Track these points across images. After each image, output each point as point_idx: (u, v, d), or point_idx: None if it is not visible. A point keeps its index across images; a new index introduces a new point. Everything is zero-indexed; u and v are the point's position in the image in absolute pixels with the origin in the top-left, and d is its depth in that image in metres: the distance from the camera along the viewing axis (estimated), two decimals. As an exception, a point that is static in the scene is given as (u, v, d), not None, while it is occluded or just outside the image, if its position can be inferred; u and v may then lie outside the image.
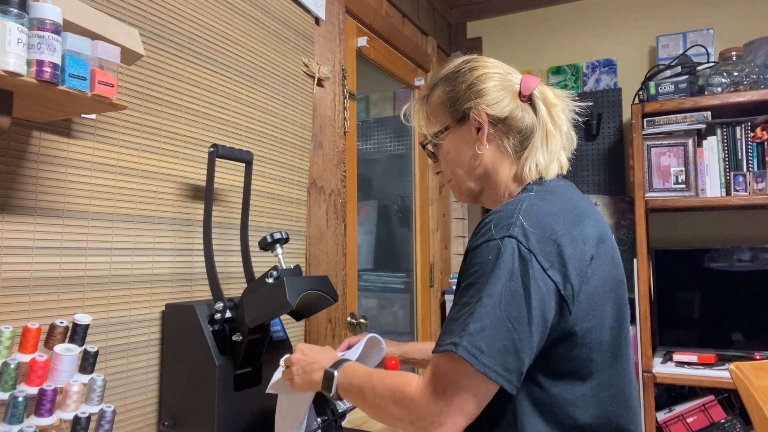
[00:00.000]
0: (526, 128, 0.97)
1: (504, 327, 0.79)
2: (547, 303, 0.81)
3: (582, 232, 0.87)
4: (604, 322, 0.88)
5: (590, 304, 0.86)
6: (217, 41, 1.43)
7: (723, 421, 2.18)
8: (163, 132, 1.28)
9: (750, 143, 2.25)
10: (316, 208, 1.83)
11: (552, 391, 0.86)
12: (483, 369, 0.78)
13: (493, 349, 0.78)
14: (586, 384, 0.87)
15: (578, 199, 0.94)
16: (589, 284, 0.85)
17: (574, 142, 1.02)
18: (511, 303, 0.80)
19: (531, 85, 0.98)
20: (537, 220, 0.85)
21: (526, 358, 0.80)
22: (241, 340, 1.16)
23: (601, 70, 2.80)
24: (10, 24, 0.76)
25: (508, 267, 0.81)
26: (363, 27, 2.22)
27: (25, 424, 0.90)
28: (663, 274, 2.37)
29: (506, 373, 0.79)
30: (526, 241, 0.82)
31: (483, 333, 0.79)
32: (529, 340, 0.80)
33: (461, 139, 1.00)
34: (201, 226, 1.34)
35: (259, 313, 1.12)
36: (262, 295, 1.12)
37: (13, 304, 0.98)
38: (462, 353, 0.79)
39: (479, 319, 0.80)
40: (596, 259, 0.87)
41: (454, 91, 1.00)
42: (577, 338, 0.85)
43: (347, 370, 0.97)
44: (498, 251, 0.83)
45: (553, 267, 0.82)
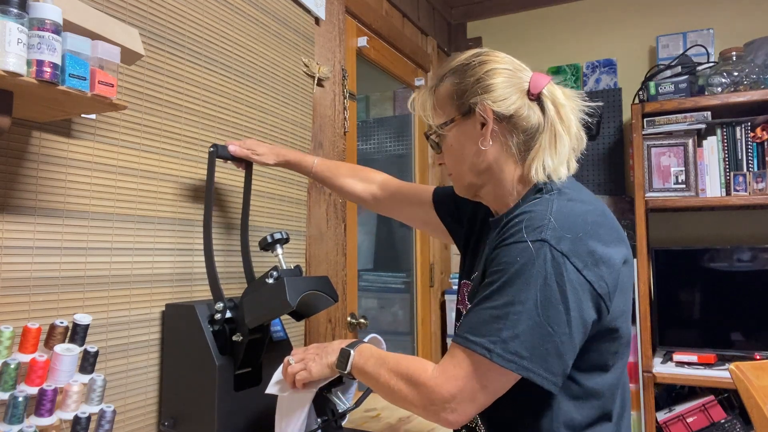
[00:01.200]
0: (532, 127, 0.95)
1: (544, 332, 0.81)
2: (584, 303, 0.83)
3: (609, 231, 0.90)
4: (629, 316, 0.93)
5: (621, 299, 0.89)
6: (217, 41, 1.43)
7: (723, 421, 2.18)
8: (163, 132, 1.28)
9: (750, 143, 2.25)
10: (316, 208, 1.83)
11: (585, 384, 0.89)
12: (526, 373, 0.81)
13: (536, 354, 0.80)
14: (611, 373, 0.92)
15: (596, 202, 0.96)
16: (620, 281, 0.88)
17: (584, 142, 1.00)
18: (548, 307, 0.81)
19: (540, 84, 0.96)
20: (567, 222, 0.86)
21: (569, 360, 0.83)
22: (241, 340, 1.16)
23: (601, 70, 2.80)
24: (10, 24, 0.76)
25: (542, 272, 0.82)
26: (363, 27, 2.22)
27: (25, 424, 0.90)
28: (663, 274, 2.37)
29: (551, 375, 0.81)
30: (558, 243, 0.83)
31: (518, 339, 0.81)
32: (570, 342, 0.82)
33: (465, 133, 0.99)
34: (201, 225, 1.34)
35: (259, 313, 1.12)
36: (262, 296, 1.12)
37: (13, 304, 0.98)
38: (498, 361, 0.81)
39: (513, 327, 0.81)
40: (622, 257, 0.90)
41: (462, 83, 0.98)
42: (613, 334, 0.89)
43: (363, 350, 0.99)
44: (530, 255, 0.83)
45: (587, 267, 0.83)
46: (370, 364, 0.96)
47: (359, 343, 1.02)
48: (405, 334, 2.74)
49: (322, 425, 1.14)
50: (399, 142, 2.91)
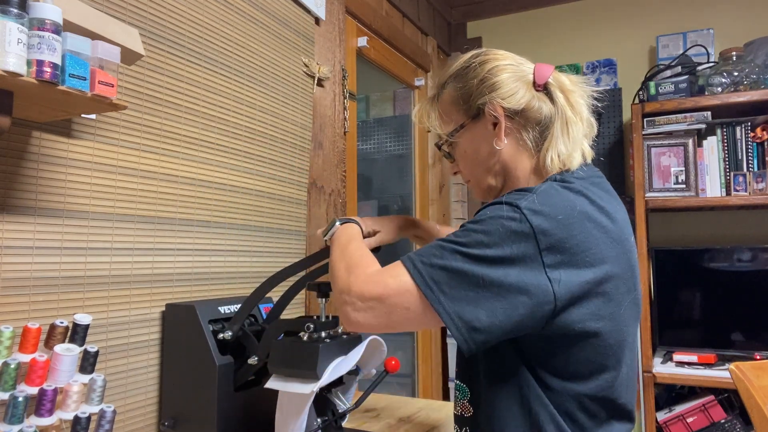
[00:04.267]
0: (545, 118, 0.92)
1: (473, 281, 0.78)
2: (528, 281, 0.77)
3: (598, 227, 0.83)
4: (620, 325, 0.85)
5: (597, 305, 0.81)
6: (217, 41, 1.43)
7: (723, 421, 2.18)
8: (163, 132, 1.28)
9: (750, 143, 2.25)
10: (316, 208, 1.83)
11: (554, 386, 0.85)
12: (437, 306, 0.79)
13: (455, 295, 0.78)
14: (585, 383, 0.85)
15: (600, 196, 0.88)
16: (599, 284, 0.81)
17: (595, 128, 0.97)
18: (491, 265, 0.78)
19: (545, 74, 0.94)
20: (552, 204, 0.81)
21: (483, 317, 0.77)
22: (256, 363, 1.15)
23: (601, 70, 2.80)
24: (10, 24, 0.76)
25: (502, 233, 0.79)
26: (363, 27, 2.22)
27: (26, 424, 0.90)
28: (663, 274, 2.37)
29: (460, 321, 0.78)
30: (531, 215, 0.79)
31: (445, 272, 0.79)
32: (492, 303, 0.77)
33: (478, 135, 0.96)
34: (201, 226, 1.34)
35: (283, 369, 1.08)
36: (292, 353, 1.07)
37: (13, 304, 0.98)
38: (417, 279, 0.80)
39: (446, 259, 0.80)
40: (610, 259, 0.82)
41: (466, 87, 0.96)
42: (584, 338, 0.82)
43: (347, 228, 1.03)
44: (499, 213, 0.80)
45: (551, 250, 0.78)
46: (341, 240, 0.99)
47: (351, 221, 1.06)
48: (405, 334, 2.75)
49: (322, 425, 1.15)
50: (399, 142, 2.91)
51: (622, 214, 0.91)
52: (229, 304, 1.26)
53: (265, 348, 1.13)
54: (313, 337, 1.08)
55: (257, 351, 1.16)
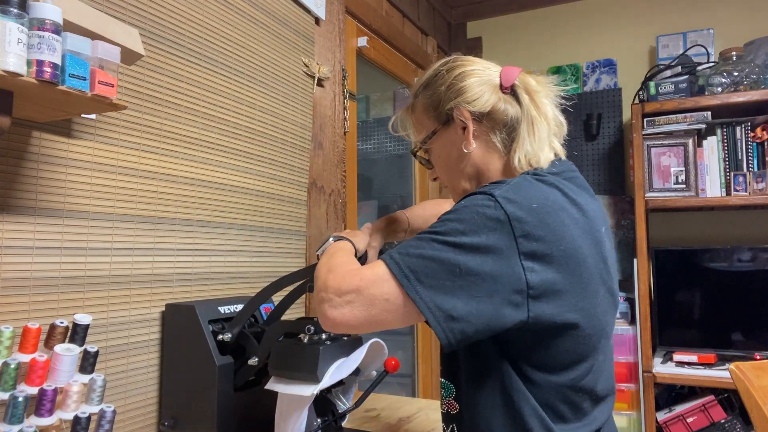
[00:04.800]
0: (512, 120, 0.95)
1: (450, 268, 0.77)
2: (503, 267, 0.78)
3: (569, 217, 0.84)
4: (598, 315, 0.86)
5: (574, 294, 0.82)
6: (217, 41, 1.43)
7: (723, 421, 2.18)
8: (163, 132, 1.28)
9: (750, 143, 2.25)
10: (316, 208, 1.83)
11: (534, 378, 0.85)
12: (414, 295, 0.78)
13: (432, 284, 0.78)
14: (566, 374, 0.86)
15: (572, 189, 0.90)
16: (573, 273, 0.82)
17: (565, 127, 1.00)
18: (468, 252, 0.78)
19: (511, 76, 0.96)
20: (525, 193, 0.82)
21: (461, 306, 0.77)
22: (257, 364, 1.14)
23: (601, 70, 2.80)
24: (10, 24, 0.76)
25: (477, 221, 0.79)
26: (363, 27, 2.22)
27: (26, 424, 0.90)
28: (663, 274, 2.37)
29: (437, 309, 0.77)
30: (506, 203, 0.80)
31: (421, 260, 0.79)
32: (470, 291, 0.77)
33: (449, 140, 0.99)
34: (201, 226, 1.34)
35: (283, 371, 1.08)
36: (292, 355, 1.08)
37: (13, 304, 0.98)
38: (393, 268, 0.79)
39: (422, 248, 0.80)
40: (581, 248, 0.83)
41: (435, 94, 1.00)
42: (563, 329, 0.83)
43: (339, 244, 1.04)
44: (475, 203, 0.81)
45: (526, 237, 0.79)
46: (330, 251, 0.99)
47: (344, 239, 1.06)
48: (405, 334, 2.75)
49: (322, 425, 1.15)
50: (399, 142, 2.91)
51: (594, 207, 0.92)
52: (229, 304, 1.26)
53: (266, 349, 1.13)
54: (313, 339, 1.08)
55: (257, 352, 1.16)
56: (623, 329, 2.38)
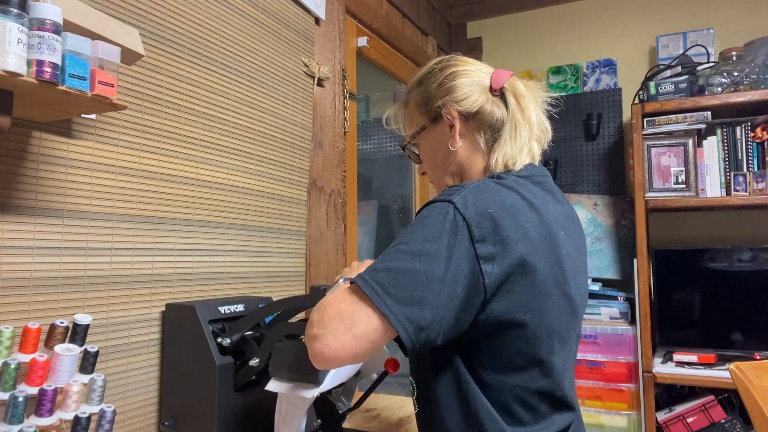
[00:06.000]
0: (497, 122, 0.97)
1: (417, 279, 0.78)
2: (464, 273, 0.80)
3: (526, 220, 0.85)
4: (544, 317, 0.86)
5: (525, 295, 0.83)
6: (217, 41, 1.43)
7: (723, 421, 2.18)
8: (163, 132, 1.28)
9: (750, 143, 2.25)
10: (316, 208, 1.83)
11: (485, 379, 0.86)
12: (384, 309, 0.78)
13: (401, 296, 0.78)
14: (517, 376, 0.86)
15: (533, 193, 0.91)
16: (524, 275, 0.83)
17: (549, 132, 1.02)
18: (431, 259, 0.79)
19: (501, 79, 0.98)
20: (482, 198, 0.84)
21: (428, 315, 0.78)
22: (257, 364, 1.14)
23: (601, 70, 2.80)
24: (10, 24, 0.76)
25: (438, 227, 0.81)
26: (363, 27, 2.22)
27: (26, 424, 0.90)
28: (663, 274, 2.37)
29: (407, 322, 0.78)
30: (464, 208, 0.82)
31: (389, 273, 0.79)
32: (437, 299, 0.78)
33: (437, 138, 1.02)
34: (201, 226, 1.34)
35: (284, 373, 1.08)
36: (293, 357, 1.07)
37: (13, 304, 0.98)
38: (362, 285, 0.79)
39: (389, 261, 0.81)
40: (535, 251, 0.85)
41: (427, 91, 1.02)
42: (517, 330, 0.84)
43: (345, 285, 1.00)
44: (434, 211, 0.83)
45: (483, 242, 0.81)
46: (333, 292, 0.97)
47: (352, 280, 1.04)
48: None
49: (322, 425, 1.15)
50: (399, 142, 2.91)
51: (554, 211, 0.92)
52: (229, 304, 1.26)
53: (267, 350, 1.13)
54: None
55: (258, 353, 1.16)
56: (623, 329, 2.39)
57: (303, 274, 1.75)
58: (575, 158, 2.78)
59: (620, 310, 2.42)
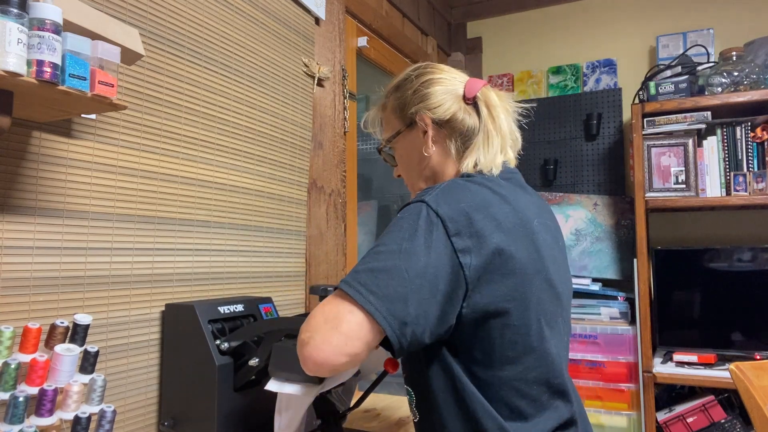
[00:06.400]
0: (468, 130, 1.00)
1: (399, 276, 0.80)
2: (442, 268, 0.82)
3: (499, 212, 0.87)
4: (527, 305, 0.87)
5: (505, 284, 0.85)
6: (217, 41, 1.43)
7: (723, 421, 2.18)
8: (163, 132, 1.28)
9: (750, 143, 2.25)
10: (316, 208, 1.83)
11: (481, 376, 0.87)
12: (369, 307, 0.79)
13: (384, 294, 0.79)
14: (512, 368, 0.87)
15: (502, 188, 0.93)
16: (504, 265, 0.85)
17: (519, 141, 1.06)
18: (410, 256, 0.81)
19: (474, 88, 1.01)
20: (453, 194, 0.87)
21: (412, 310, 0.80)
22: (257, 364, 1.14)
23: (601, 70, 2.80)
24: (10, 24, 0.76)
25: (414, 225, 0.83)
26: (363, 27, 2.22)
27: (26, 424, 0.90)
28: (663, 274, 2.37)
29: (392, 318, 0.79)
30: (437, 206, 0.84)
31: (371, 273, 0.81)
32: (419, 294, 0.80)
33: (411, 143, 1.05)
34: (201, 226, 1.34)
35: (284, 372, 1.08)
36: (293, 356, 1.05)
37: (13, 304, 0.98)
38: (346, 288, 0.80)
39: (369, 262, 0.82)
40: (511, 240, 0.86)
41: (403, 97, 1.05)
42: (502, 319, 0.85)
43: None
44: (409, 211, 0.86)
45: (459, 235, 0.83)
46: None
47: None
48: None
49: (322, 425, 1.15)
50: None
51: (525, 202, 0.95)
52: (229, 304, 1.26)
53: (266, 350, 1.13)
54: None
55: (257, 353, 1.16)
56: (623, 329, 2.39)
57: (303, 274, 1.75)
58: (575, 158, 2.78)
59: (620, 310, 2.42)
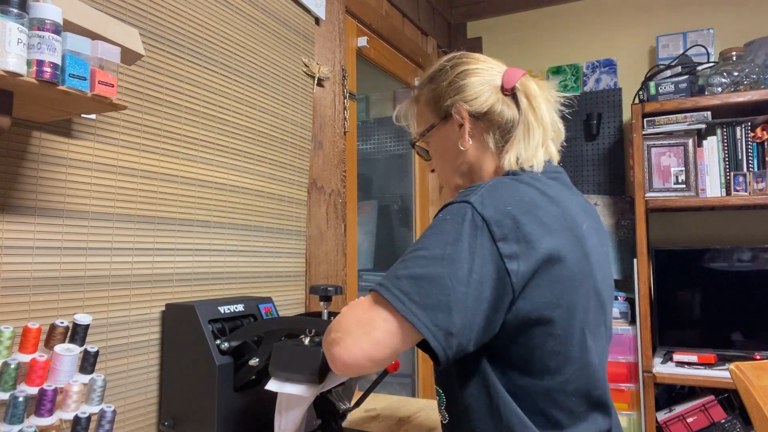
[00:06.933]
0: (507, 122, 0.95)
1: (442, 283, 0.76)
2: (487, 276, 0.78)
3: (547, 214, 0.83)
4: (573, 314, 0.83)
5: (552, 291, 0.81)
6: (217, 41, 1.43)
7: (723, 421, 2.18)
8: (163, 132, 1.28)
9: (750, 143, 2.25)
10: (316, 208, 1.83)
11: (519, 383, 0.83)
12: (411, 317, 0.75)
13: (427, 303, 0.76)
14: (552, 378, 0.84)
15: (551, 188, 0.89)
16: (551, 271, 0.81)
17: (563, 133, 1.00)
18: (453, 262, 0.77)
19: (513, 78, 0.96)
20: (500, 196, 0.83)
21: (457, 320, 0.76)
22: (257, 364, 1.14)
23: (601, 70, 2.80)
24: (10, 24, 0.76)
25: (458, 228, 0.79)
26: (363, 27, 2.22)
27: (26, 424, 0.90)
28: (663, 274, 2.37)
29: (436, 328, 0.75)
30: (482, 208, 0.80)
31: (412, 280, 0.77)
32: (463, 303, 0.76)
33: (446, 136, 1.00)
34: (201, 226, 1.34)
35: (284, 372, 1.08)
36: (293, 356, 1.07)
37: (13, 304, 0.98)
38: (385, 294, 0.77)
39: (411, 268, 0.78)
40: (561, 244, 0.83)
41: (438, 89, 1.00)
42: (546, 328, 0.82)
43: None
44: (452, 213, 0.81)
45: (505, 240, 0.79)
46: None
47: None
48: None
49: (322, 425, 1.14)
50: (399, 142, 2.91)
51: (575, 204, 0.91)
52: (229, 304, 1.26)
53: (266, 349, 1.13)
54: (314, 340, 1.08)
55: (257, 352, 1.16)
56: (623, 329, 2.39)
57: (303, 274, 1.75)
58: (575, 158, 2.78)
59: (620, 310, 2.42)
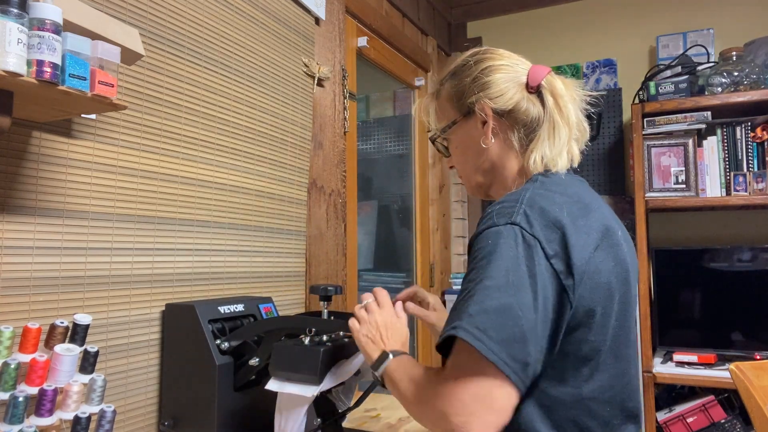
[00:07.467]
0: (532, 120, 0.93)
1: (513, 313, 0.74)
2: (549, 294, 0.77)
3: (586, 224, 0.83)
4: (608, 321, 0.83)
5: (593, 299, 0.81)
6: (217, 41, 1.43)
7: (723, 421, 2.18)
8: (163, 132, 1.28)
9: (750, 143, 2.25)
10: (316, 208, 1.83)
11: (552, 393, 0.82)
12: (490, 356, 0.72)
13: (502, 337, 0.73)
14: (587, 385, 0.83)
15: (584, 193, 0.90)
16: (593, 279, 0.81)
17: (587, 133, 0.98)
18: (519, 288, 0.75)
19: (539, 76, 0.94)
20: (541, 209, 0.81)
21: (531, 349, 0.74)
22: (258, 364, 1.14)
23: (601, 70, 2.80)
24: (10, 24, 0.76)
25: (513, 253, 0.77)
26: (363, 27, 2.22)
27: (26, 424, 0.90)
28: (663, 274, 2.37)
29: (513, 362, 0.73)
30: (530, 227, 0.79)
31: (485, 315, 0.74)
32: (535, 330, 0.75)
33: (468, 133, 0.99)
34: (201, 226, 1.34)
35: (284, 372, 1.08)
36: (293, 356, 1.07)
37: (13, 304, 0.98)
38: (464, 336, 0.74)
39: (481, 302, 0.75)
40: (600, 252, 0.83)
41: (461, 85, 0.98)
42: (578, 335, 0.81)
43: (402, 360, 0.91)
44: (501, 237, 0.79)
45: (557, 256, 0.78)
46: (397, 376, 0.89)
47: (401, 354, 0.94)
48: (405, 334, 2.74)
49: (322, 425, 1.14)
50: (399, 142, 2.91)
51: (607, 210, 0.91)
52: (229, 304, 1.26)
53: (267, 349, 1.13)
54: (314, 340, 1.08)
55: (257, 352, 1.16)
56: (623, 329, 2.38)
57: (303, 274, 1.75)
58: (575, 158, 2.77)
59: (620, 310, 2.42)
